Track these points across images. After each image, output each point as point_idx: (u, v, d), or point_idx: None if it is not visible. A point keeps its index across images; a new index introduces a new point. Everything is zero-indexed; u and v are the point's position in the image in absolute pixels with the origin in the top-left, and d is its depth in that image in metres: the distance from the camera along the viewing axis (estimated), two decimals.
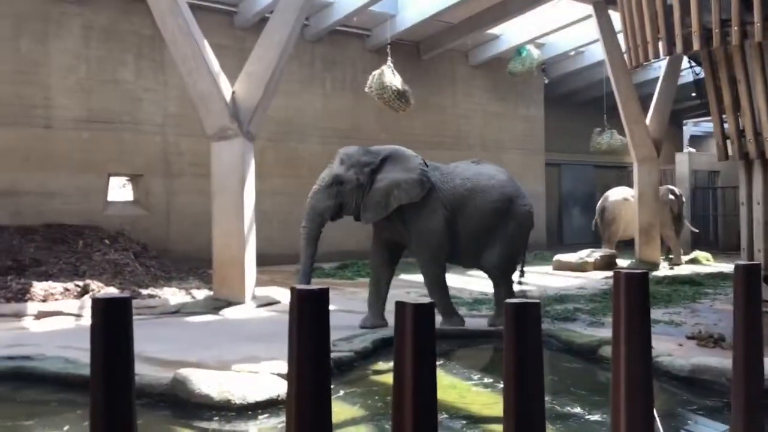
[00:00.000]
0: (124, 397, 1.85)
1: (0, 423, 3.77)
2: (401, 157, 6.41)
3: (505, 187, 6.42)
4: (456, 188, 6.35)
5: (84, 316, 7.12)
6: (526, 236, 6.59)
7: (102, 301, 1.86)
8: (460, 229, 6.28)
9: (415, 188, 6.16)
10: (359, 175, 6.25)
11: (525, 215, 6.45)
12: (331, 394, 1.86)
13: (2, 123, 10.45)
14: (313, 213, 6.34)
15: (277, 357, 4.70)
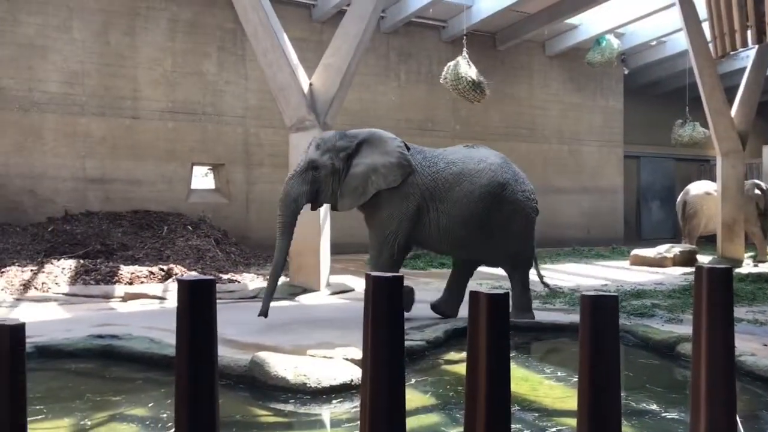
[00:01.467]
0: (207, 376, 1.94)
1: (91, 397, 3.99)
2: (379, 140, 6.02)
3: (497, 171, 5.93)
4: (439, 172, 5.92)
5: (167, 299, 7.44)
6: (530, 226, 6.07)
7: (188, 283, 1.95)
8: (446, 216, 5.86)
9: (393, 172, 5.81)
10: (335, 160, 5.91)
11: (521, 202, 5.96)
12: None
13: (93, 114, 11.00)
14: (287, 200, 5.93)
15: (350, 343, 4.79)
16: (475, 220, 5.85)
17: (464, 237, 5.92)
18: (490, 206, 5.84)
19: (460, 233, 5.90)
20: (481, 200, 5.83)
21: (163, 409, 3.67)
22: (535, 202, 6.15)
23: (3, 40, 10.45)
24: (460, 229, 5.88)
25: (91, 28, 11.07)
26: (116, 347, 4.85)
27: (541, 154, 15.95)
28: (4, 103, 10.42)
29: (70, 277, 7.90)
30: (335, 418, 3.63)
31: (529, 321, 5.86)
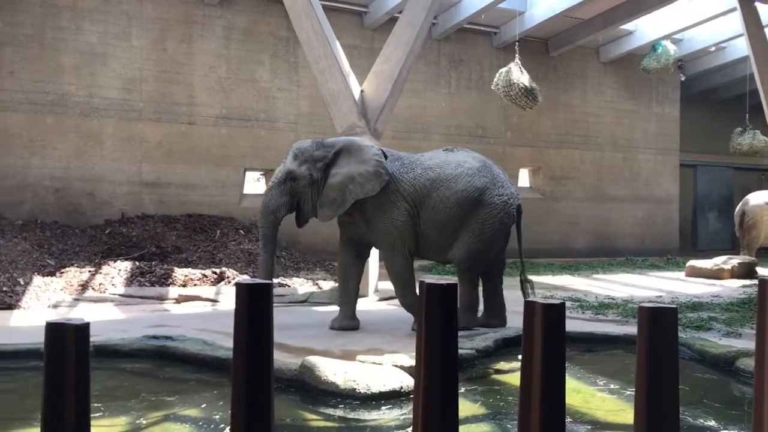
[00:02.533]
0: (263, 377, 1.97)
1: (146, 397, 4.08)
2: (356, 148, 5.94)
3: (474, 175, 5.86)
4: (417, 179, 5.87)
5: (220, 302, 7.57)
6: (503, 231, 5.97)
7: (246, 286, 1.99)
8: (424, 221, 5.84)
9: (370, 181, 5.73)
10: (312, 171, 5.85)
11: (498, 206, 5.85)
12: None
13: (149, 119, 11.29)
14: (266, 212, 5.89)
15: (399, 350, 4.80)
16: (450, 224, 5.83)
17: (437, 241, 5.92)
18: (467, 211, 5.80)
19: (434, 237, 5.90)
20: (458, 205, 5.79)
21: (215, 411, 3.73)
22: (513, 206, 6.01)
23: (66, 48, 10.82)
24: (434, 233, 5.87)
25: (149, 36, 11.38)
26: (170, 348, 4.96)
27: (595, 162, 15.69)
28: (65, 108, 10.78)
29: (125, 278, 8.12)
30: (384, 424, 3.64)
31: (583, 332, 5.74)
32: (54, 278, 7.82)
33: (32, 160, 10.58)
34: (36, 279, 7.57)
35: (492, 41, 14.41)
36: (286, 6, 8.38)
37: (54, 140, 10.71)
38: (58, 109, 10.73)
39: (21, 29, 10.54)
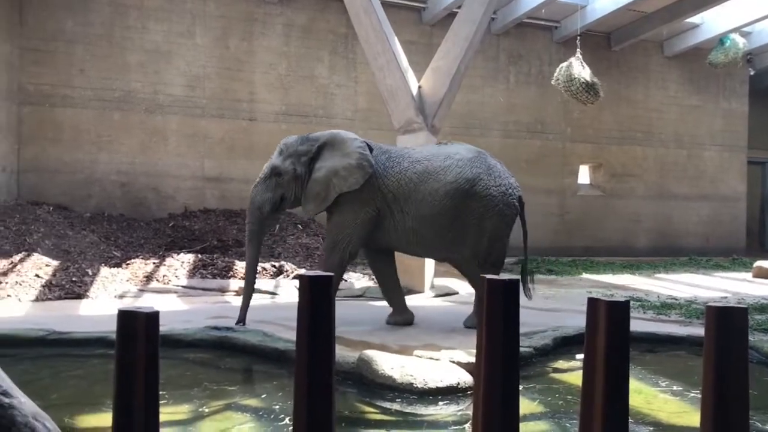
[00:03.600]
0: (325, 368, 2.00)
1: (208, 386, 4.19)
2: (339, 141, 5.82)
3: (464, 167, 5.61)
4: (403, 172, 5.67)
5: (279, 294, 7.70)
6: (505, 221, 5.68)
7: (309, 278, 2.02)
8: (413, 217, 5.60)
9: (353, 174, 5.62)
10: (296, 165, 5.77)
11: (496, 197, 5.58)
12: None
13: (212, 116, 11.55)
14: (252, 207, 5.84)
15: (455, 346, 4.79)
16: (442, 219, 5.58)
17: (431, 237, 5.68)
18: (459, 204, 5.55)
19: (427, 234, 5.65)
20: (447, 197, 5.54)
21: (275, 401, 3.81)
22: (514, 197, 5.73)
23: (132, 46, 11.16)
24: (426, 229, 5.63)
25: (212, 34, 11.64)
26: (231, 339, 5.07)
27: (658, 159, 15.29)
28: (131, 105, 11.12)
29: (188, 270, 8.33)
30: (441, 420, 3.64)
31: (645, 332, 5.61)
32: (120, 269, 8.09)
33: (100, 155, 10.97)
34: (103, 270, 7.84)
35: (552, 36, 14.19)
36: (346, 3, 8.43)
37: (120, 136, 11.07)
38: (125, 105, 11.09)
39: (91, 29, 10.92)
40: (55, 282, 7.22)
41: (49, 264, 7.59)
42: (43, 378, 4.28)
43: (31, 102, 10.64)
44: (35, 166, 10.64)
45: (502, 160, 13.62)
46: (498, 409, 1.91)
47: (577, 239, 14.31)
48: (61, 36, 10.78)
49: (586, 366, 1.87)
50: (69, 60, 10.82)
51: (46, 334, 5.01)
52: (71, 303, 6.82)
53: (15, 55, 10.48)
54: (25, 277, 7.16)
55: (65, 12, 10.80)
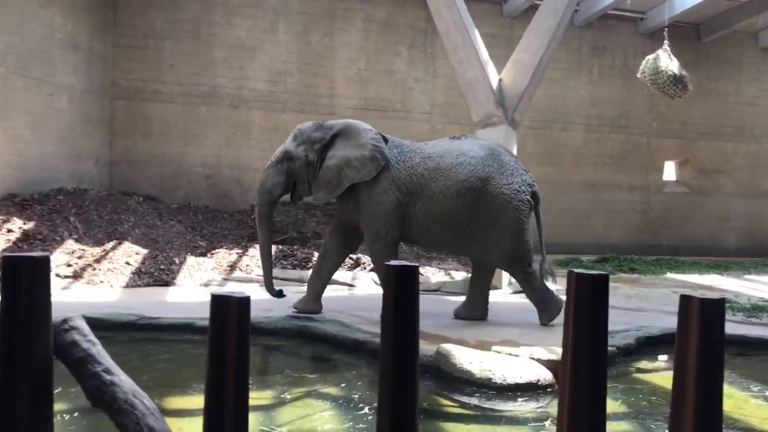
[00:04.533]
0: (409, 358, 2.02)
1: (289, 373, 4.29)
2: (353, 131, 5.82)
3: (476, 165, 5.54)
4: (414, 168, 5.64)
5: (356, 286, 7.80)
6: (521, 220, 5.57)
7: (394, 268, 2.04)
8: (424, 213, 5.57)
9: (366, 165, 5.62)
10: (309, 152, 5.82)
11: (509, 196, 5.50)
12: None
13: (293, 110, 11.78)
14: (262, 190, 5.91)
15: (533, 343, 4.73)
16: (454, 217, 5.52)
17: (444, 235, 5.62)
18: (471, 202, 5.49)
19: (439, 231, 5.60)
20: (458, 196, 5.49)
21: (354, 390, 3.86)
22: (527, 194, 5.63)
23: (218, 42, 11.50)
24: (438, 226, 5.58)
25: (294, 30, 11.86)
26: (311, 328, 5.18)
27: (749, 155, 14.59)
28: (217, 100, 11.47)
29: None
30: (521, 416, 3.61)
31: (735, 334, 5.38)
32: (205, 258, 8.37)
33: (187, 148, 11.37)
34: (189, 259, 8.13)
35: (638, 27, 13.75)
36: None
37: (207, 130, 11.44)
38: (211, 100, 11.44)
39: (180, 25, 11.32)
40: (144, 269, 7.54)
41: (138, 252, 7.93)
42: (134, 360, 4.48)
43: (124, 97, 11.13)
44: (126, 159, 11.13)
45: (584, 154, 13.36)
46: (585, 408, 1.88)
47: (662, 237, 13.84)
48: (152, 33, 11.22)
49: (678, 366, 1.82)
50: (159, 56, 11.25)
51: (136, 319, 5.25)
52: (159, 290, 7.11)
53: (109, 52, 10.98)
54: (116, 264, 7.51)
55: (156, 10, 11.23)
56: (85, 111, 10.40)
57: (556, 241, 12.95)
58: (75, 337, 2.03)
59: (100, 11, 10.73)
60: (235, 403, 1.93)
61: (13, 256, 1.96)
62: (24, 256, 1.96)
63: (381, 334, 2.05)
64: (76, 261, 7.47)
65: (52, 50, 9.55)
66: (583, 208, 13.38)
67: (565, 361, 1.91)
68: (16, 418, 1.98)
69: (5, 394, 1.97)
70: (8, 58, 8.68)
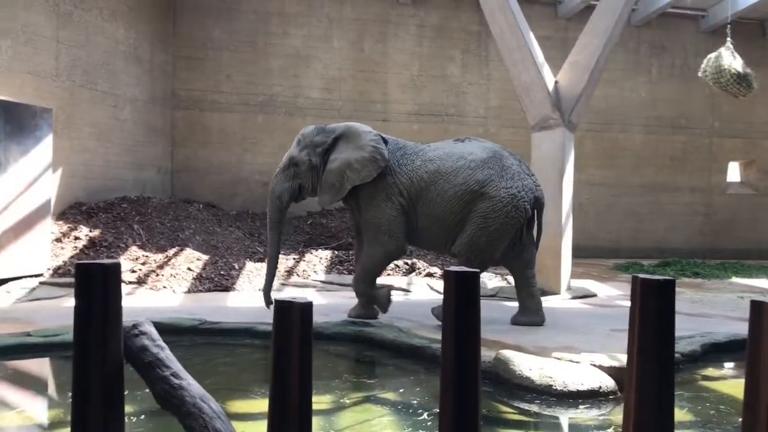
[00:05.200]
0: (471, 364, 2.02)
1: (347, 378, 4.33)
2: (354, 134, 5.85)
3: (476, 169, 5.56)
4: (415, 171, 5.66)
5: (411, 291, 7.81)
6: (510, 224, 5.56)
7: (454, 274, 2.04)
8: (424, 215, 5.63)
9: (366, 167, 5.63)
10: (312, 156, 5.85)
11: (505, 199, 5.50)
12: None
13: (347, 117, 11.85)
14: (272, 196, 6.00)
15: (594, 349, 4.65)
16: (450, 217, 5.59)
17: (440, 234, 5.68)
18: (468, 204, 5.54)
19: (436, 231, 5.67)
20: (456, 199, 5.54)
21: (413, 396, 3.87)
22: (525, 200, 5.60)
23: (274, 51, 11.70)
24: (435, 227, 5.65)
25: (348, 37, 11.97)
26: (368, 333, 5.20)
27: None
28: (273, 108, 11.67)
29: (326, 266, 8.62)
30: (582, 423, 3.55)
31: None
32: (263, 264, 8.49)
33: (245, 156, 11.59)
34: (248, 264, 8.28)
35: (699, 25, 13.39)
36: (480, 1, 8.38)
37: (263, 138, 11.64)
38: (267, 108, 11.65)
39: (237, 36, 11.57)
40: (205, 275, 7.72)
41: (199, 258, 8.13)
42: (197, 364, 4.58)
43: (183, 107, 11.42)
44: (187, 167, 11.42)
45: (644, 156, 13.05)
46: (652, 416, 1.84)
47: (726, 241, 13.40)
48: (210, 44, 11.49)
49: (749, 374, 1.76)
50: (217, 66, 11.51)
51: (198, 324, 5.38)
52: (219, 295, 7.27)
53: (169, 63, 11.29)
54: (178, 270, 7.71)
55: (214, 21, 11.50)
56: (147, 121, 10.72)
57: (615, 245, 12.71)
58: (144, 341, 2.10)
59: (161, 23, 11.05)
60: (299, 407, 1.96)
61: (86, 264, 2.04)
62: (96, 263, 2.03)
63: (442, 340, 2.05)
64: (139, 267, 7.69)
65: (116, 63, 9.88)
66: (643, 211, 13.08)
67: (631, 369, 1.88)
68: (89, 419, 2.05)
69: (79, 396, 2.04)
70: (75, 72, 9.02)
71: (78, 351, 2.03)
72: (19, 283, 7.01)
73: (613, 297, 7.88)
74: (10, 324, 5.44)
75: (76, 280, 2.04)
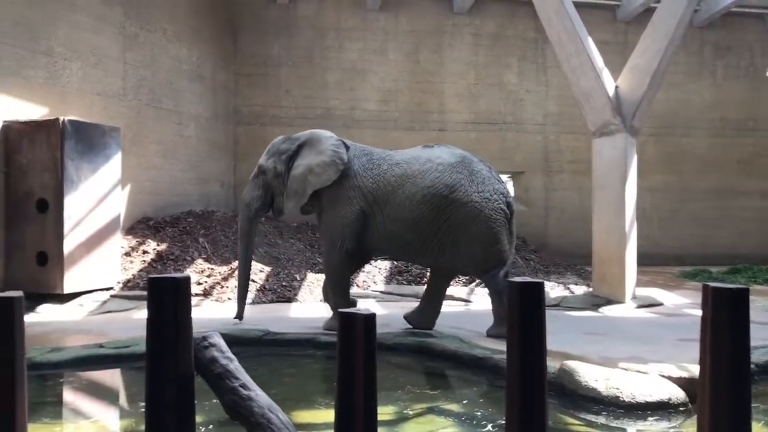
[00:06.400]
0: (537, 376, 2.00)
1: (410, 389, 4.33)
2: (316, 140, 5.93)
3: (443, 171, 5.50)
4: (381, 175, 5.64)
5: (472, 302, 7.76)
6: (496, 225, 5.49)
7: (518, 286, 2.03)
8: (392, 220, 5.53)
9: (326, 171, 5.70)
10: (277, 164, 5.98)
11: (479, 203, 5.44)
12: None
13: (404, 128, 11.94)
14: (242, 205, 6.22)
15: (662, 360, 4.53)
16: (422, 223, 5.47)
17: (414, 242, 5.55)
18: (438, 209, 5.44)
19: (409, 238, 5.54)
20: (424, 203, 5.45)
21: (476, 407, 3.84)
22: (501, 202, 5.56)
23: (331, 65, 11.86)
24: (407, 233, 5.53)
25: (404, 49, 12.03)
26: (429, 344, 5.20)
27: None
28: (330, 120, 11.80)
29: (385, 276, 8.66)
30: None
31: None
32: (324, 275, 8.60)
33: None
34: (309, 275, 8.39)
35: (765, 24, 12.94)
36: (536, 7, 8.32)
37: None
38: (325, 122, 11.78)
39: (295, 51, 11.78)
40: (268, 286, 7.85)
41: (262, 270, 8.27)
42: (262, 375, 4.65)
43: (245, 122, 11.68)
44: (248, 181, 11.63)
45: (709, 160, 12.68)
46: (727, 429, 1.79)
47: None
48: (270, 60, 11.73)
49: None
50: (276, 82, 11.74)
51: (262, 334, 5.48)
52: (282, 306, 7.38)
53: (231, 80, 11.58)
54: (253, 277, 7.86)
55: (273, 38, 11.74)
56: (211, 137, 11.01)
57: (681, 252, 12.34)
58: (214, 353, 2.16)
59: (222, 42, 11.35)
60: (364, 416, 1.98)
61: (158, 278, 2.12)
62: (167, 277, 2.10)
63: (507, 352, 2.04)
64: (205, 279, 7.89)
65: (180, 81, 10.19)
66: (710, 217, 12.67)
67: (703, 380, 1.83)
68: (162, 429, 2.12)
69: (152, 406, 2.12)
70: (141, 91, 9.35)
71: (151, 362, 2.10)
72: (91, 296, 7.28)
73: (681, 306, 7.66)
74: (84, 336, 5.65)
75: (148, 293, 2.12)
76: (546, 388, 1.96)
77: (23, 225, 7.13)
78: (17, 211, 7.16)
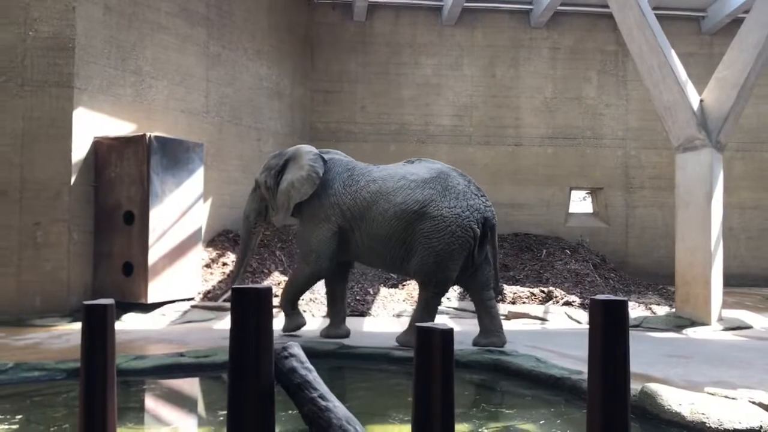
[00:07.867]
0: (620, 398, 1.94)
1: (485, 407, 4.28)
2: (298, 155, 6.22)
3: (415, 189, 5.69)
4: (359, 191, 5.88)
5: (548, 320, 7.60)
6: (458, 243, 5.57)
7: (601, 303, 1.99)
8: (367, 235, 5.79)
9: (303, 185, 5.99)
10: (268, 179, 6.30)
11: (448, 218, 5.57)
12: None
13: (479, 143, 11.87)
14: (243, 217, 6.62)
15: (753, 386, 4.32)
16: (395, 239, 5.70)
17: (386, 254, 5.80)
18: (409, 224, 5.65)
19: (383, 252, 5.80)
20: (396, 219, 5.67)
21: (554, 428, 3.75)
22: (471, 219, 5.61)
23: (406, 81, 11.93)
24: (381, 247, 5.77)
25: (479, 64, 11.99)
26: (504, 363, 5.12)
27: None
28: (405, 136, 11.87)
29: (459, 293, 8.60)
30: None
31: None
32: (396, 290, 8.62)
33: None
34: (382, 290, 8.43)
35: None
36: (617, 19, 8.15)
37: None
38: (399, 137, 11.87)
39: (370, 68, 11.92)
40: None
41: None
42: (336, 387, 4.69)
43: (320, 138, 11.86)
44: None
45: None
46: None
47: None
48: (346, 77, 11.91)
49: None
50: (352, 98, 11.90)
51: (337, 348, 5.53)
52: (356, 320, 7.43)
53: (308, 97, 11.82)
54: (317, 294, 7.97)
55: (348, 54, 11.92)
56: None
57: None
58: (294, 363, 2.20)
59: (300, 60, 11.61)
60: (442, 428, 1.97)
61: (242, 288, 2.17)
62: (251, 288, 2.16)
63: (588, 372, 1.99)
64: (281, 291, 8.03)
65: (260, 99, 10.48)
66: None
67: None
68: None
69: (234, 413, 2.17)
70: (223, 109, 9.66)
71: (233, 371, 2.16)
72: (173, 306, 7.54)
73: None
74: (165, 345, 5.85)
75: (232, 303, 2.18)
76: (629, 410, 1.90)
77: (111, 236, 7.46)
78: (105, 223, 7.51)
